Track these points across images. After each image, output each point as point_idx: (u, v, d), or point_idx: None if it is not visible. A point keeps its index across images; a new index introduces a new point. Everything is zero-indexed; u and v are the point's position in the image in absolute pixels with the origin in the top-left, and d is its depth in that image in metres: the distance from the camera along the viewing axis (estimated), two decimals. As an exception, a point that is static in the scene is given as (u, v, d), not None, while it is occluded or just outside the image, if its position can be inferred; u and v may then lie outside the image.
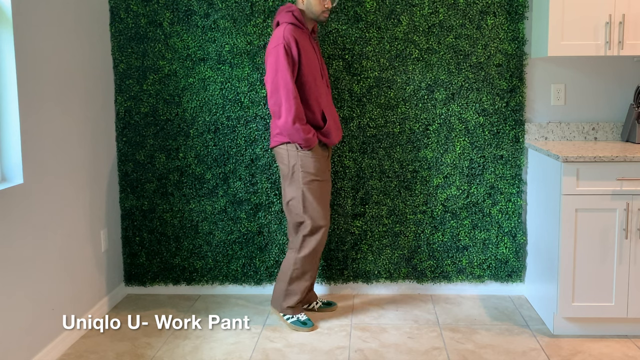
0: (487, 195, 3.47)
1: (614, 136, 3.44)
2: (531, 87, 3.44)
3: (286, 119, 2.87)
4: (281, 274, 3.15)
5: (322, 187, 3.07)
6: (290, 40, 2.87)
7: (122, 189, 3.54)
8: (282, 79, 2.86)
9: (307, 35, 3.00)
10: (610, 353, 2.82)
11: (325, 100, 3.05)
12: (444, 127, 3.43)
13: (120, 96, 3.48)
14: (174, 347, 2.92)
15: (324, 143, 3.07)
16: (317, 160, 3.02)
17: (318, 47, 3.14)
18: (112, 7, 3.43)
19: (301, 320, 3.11)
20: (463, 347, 2.89)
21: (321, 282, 3.57)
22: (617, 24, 3.06)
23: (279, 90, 2.87)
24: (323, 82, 3.06)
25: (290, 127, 2.88)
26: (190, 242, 3.56)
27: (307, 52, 2.96)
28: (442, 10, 3.36)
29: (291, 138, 2.93)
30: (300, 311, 3.16)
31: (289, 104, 2.86)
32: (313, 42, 3.07)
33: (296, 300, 3.12)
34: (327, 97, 3.09)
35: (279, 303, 3.15)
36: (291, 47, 2.88)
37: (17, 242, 2.54)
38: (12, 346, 2.49)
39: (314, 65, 2.99)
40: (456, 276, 3.54)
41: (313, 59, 3.00)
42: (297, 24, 2.96)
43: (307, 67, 2.95)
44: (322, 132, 3.03)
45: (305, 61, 2.94)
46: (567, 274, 2.93)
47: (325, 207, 3.08)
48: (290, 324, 3.11)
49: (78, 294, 3.06)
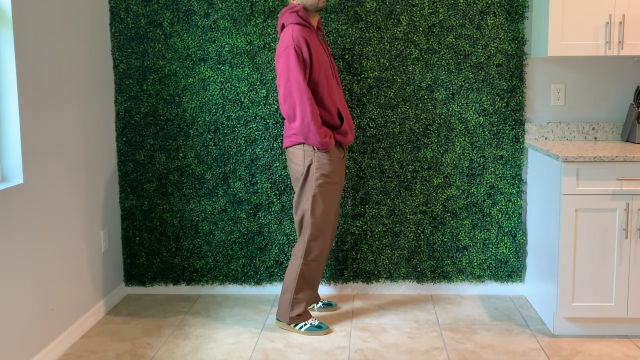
0: (487, 195, 3.47)
1: (614, 136, 3.44)
2: (531, 87, 3.44)
3: (302, 121, 2.80)
4: (286, 284, 3.06)
5: (334, 190, 3.00)
6: (300, 41, 2.81)
7: (122, 189, 3.55)
8: (294, 81, 2.79)
9: (315, 34, 2.94)
10: (610, 353, 2.82)
11: (338, 98, 2.99)
12: (444, 127, 3.43)
13: (120, 96, 3.48)
14: (174, 347, 2.92)
15: (340, 143, 3.00)
16: (333, 162, 2.95)
17: (326, 45, 3.08)
18: (112, 7, 3.43)
19: (315, 325, 3.03)
20: (463, 347, 2.89)
21: (321, 282, 3.57)
22: (617, 24, 3.06)
23: (293, 93, 2.80)
24: (334, 80, 2.99)
25: (307, 130, 2.81)
26: (190, 242, 3.56)
27: (317, 51, 2.88)
28: (442, 10, 3.36)
29: (308, 141, 2.86)
30: (310, 316, 3.09)
31: (304, 107, 2.80)
32: (321, 40, 3.01)
33: (303, 308, 3.06)
34: (340, 95, 3.02)
35: (286, 315, 3.06)
36: (302, 48, 2.81)
37: (17, 242, 2.54)
38: (12, 346, 2.49)
39: (324, 63, 2.92)
40: (456, 276, 3.54)
41: (323, 57, 2.93)
42: (304, 23, 2.88)
43: (319, 67, 2.87)
44: (339, 131, 2.96)
45: (316, 60, 2.87)
46: (567, 274, 2.93)
47: (334, 211, 3.04)
48: (305, 331, 3.03)
49: (78, 294, 3.06)
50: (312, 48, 2.85)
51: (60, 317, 2.88)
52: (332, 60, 3.07)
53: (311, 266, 3.03)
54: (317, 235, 2.99)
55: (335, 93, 2.97)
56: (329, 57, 3.03)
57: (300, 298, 3.05)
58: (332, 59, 3.08)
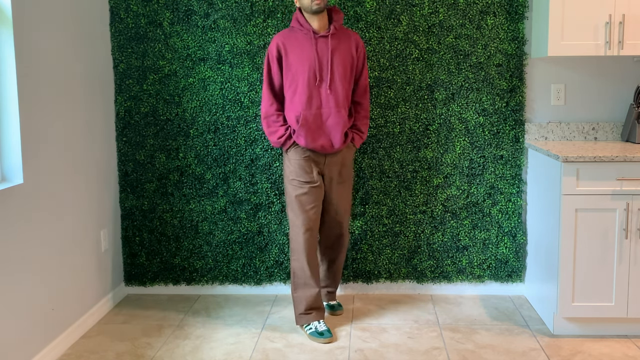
0: (487, 195, 3.47)
1: (614, 136, 3.44)
2: (531, 87, 3.44)
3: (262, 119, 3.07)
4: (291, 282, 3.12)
5: (302, 189, 2.98)
6: (273, 44, 2.98)
7: (122, 189, 3.55)
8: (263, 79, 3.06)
9: (305, 36, 2.95)
10: (610, 353, 2.82)
11: (316, 102, 2.94)
12: (444, 127, 3.43)
13: (120, 96, 3.48)
14: (174, 347, 2.92)
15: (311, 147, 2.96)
16: (295, 162, 2.98)
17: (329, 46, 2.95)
18: (112, 7, 3.43)
19: (318, 331, 2.97)
20: (463, 347, 2.89)
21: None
22: (617, 24, 3.06)
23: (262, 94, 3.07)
24: (324, 83, 2.94)
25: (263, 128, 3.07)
26: (190, 242, 3.56)
27: (297, 52, 2.93)
28: (442, 10, 3.36)
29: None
30: (316, 318, 3.03)
31: (262, 106, 3.05)
32: (319, 41, 2.95)
33: (304, 308, 3.03)
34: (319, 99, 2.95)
35: (295, 314, 3.08)
36: (272, 51, 2.98)
37: (17, 242, 2.54)
38: (12, 346, 2.49)
39: (306, 65, 2.92)
40: (456, 276, 3.54)
41: (307, 59, 2.92)
42: (296, 25, 2.97)
43: (295, 66, 2.93)
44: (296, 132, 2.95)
45: (294, 61, 2.93)
46: (567, 274, 2.93)
47: (307, 211, 2.98)
48: (309, 334, 3.00)
49: (78, 294, 3.06)
50: (289, 51, 2.94)
51: (60, 317, 2.88)
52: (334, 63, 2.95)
53: (295, 264, 3.04)
54: (294, 231, 3.03)
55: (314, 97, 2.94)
56: (329, 59, 2.93)
57: (298, 297, 3.05)
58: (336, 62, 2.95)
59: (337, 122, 2.95)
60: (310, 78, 2.94)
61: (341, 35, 3.01)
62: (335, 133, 2.96)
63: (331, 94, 2.95)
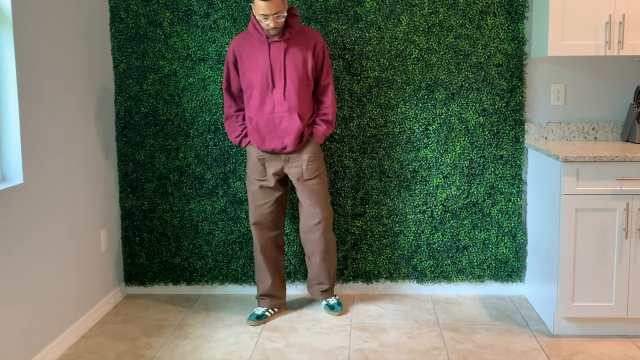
0: (487, 195, 3.47)
1: (614, 136, 3.44)
2: (531, 87, 3.44)
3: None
4: None
5: (255, 186, 3.14)
6: (231, 47, 3.07)
7: (122, 189, 3.55)
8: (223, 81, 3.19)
9: (259, 40, 2.99)
10: (610, 353, 2.82)
11: (269, 107, 3.00)
12: (444, 127, 3.43)
13: (120, 96, 3.48)
14: (174, 347, 2.92)
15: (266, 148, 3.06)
16: (251, 160, 3.13)
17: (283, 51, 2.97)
18: (112, 7, 3.43)
19: (256, 314, 3.20)
20: (463, 347, 2.89)
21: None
22: (617, 24, 3.06)
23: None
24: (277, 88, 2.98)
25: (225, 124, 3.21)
26: (190, 242, 3.56)
27: (251, 57, 3.00)
28: (442, 10, 3.36)
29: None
30: (265, 305, 3.25)
31: (224, 105, 3.18)
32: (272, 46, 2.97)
33: (258, 292, 3.27)
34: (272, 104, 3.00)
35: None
36: (229, 54, 3.07)
37: (17, 242, 2.54)
38: (12, 346, 2.49)
39: (259, 71, 2.98)
40: (456, 276, 3.54)
41: (260, 64, 2.98)
42: (251, 30, 3.00)
43: (250, 72, 3.01)
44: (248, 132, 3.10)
45: (248, 67, 3.01)
46: (567, 274, 2.93)
47: (257, 207, 3.15)
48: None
49: (78, 294, 3.06)
50: (244, 56, 3.02)
51: (60, 317, 2.88)
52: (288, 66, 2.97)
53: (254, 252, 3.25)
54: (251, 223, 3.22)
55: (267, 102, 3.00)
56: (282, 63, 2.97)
57: (257, 279, 3.28)
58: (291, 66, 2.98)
59: (290, 125, 3.01)
60: (262, 83, 3.00)
61: (297, 39, 3.01)
62: (288, 136, 3.02)
63: (285, 99, 3.00)
